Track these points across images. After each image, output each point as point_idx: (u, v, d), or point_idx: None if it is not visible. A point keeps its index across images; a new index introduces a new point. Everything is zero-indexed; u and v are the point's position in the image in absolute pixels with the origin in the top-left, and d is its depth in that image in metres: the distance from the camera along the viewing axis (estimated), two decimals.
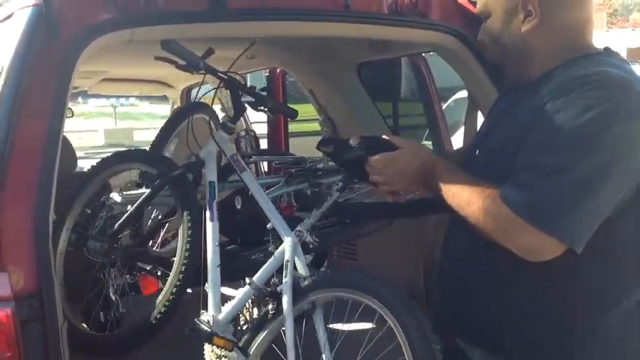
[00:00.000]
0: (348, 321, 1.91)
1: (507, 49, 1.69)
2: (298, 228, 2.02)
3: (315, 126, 3.89)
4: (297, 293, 1.89)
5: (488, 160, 1.66)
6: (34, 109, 1.68)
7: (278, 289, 1.92)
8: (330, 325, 1.98)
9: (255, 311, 2.19)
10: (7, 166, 1.61)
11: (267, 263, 2.04)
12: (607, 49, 1.68)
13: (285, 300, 1.87)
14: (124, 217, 2.42)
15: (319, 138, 2.02)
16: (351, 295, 1.82)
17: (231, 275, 2.38)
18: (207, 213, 2.17)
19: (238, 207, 2.44)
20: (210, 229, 2.15)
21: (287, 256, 1.96)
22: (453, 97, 6.90)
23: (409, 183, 1.73)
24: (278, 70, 4.08)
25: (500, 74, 1.85)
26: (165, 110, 6.60)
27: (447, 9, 2.41)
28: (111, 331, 2.39)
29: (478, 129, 2.04)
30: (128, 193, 2.64)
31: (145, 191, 2.40)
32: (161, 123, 3.48)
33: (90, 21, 1.81)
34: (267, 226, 2.11)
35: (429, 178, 1.68)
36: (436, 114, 3.63)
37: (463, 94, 5.61)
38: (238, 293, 2.10)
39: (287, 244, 2.00)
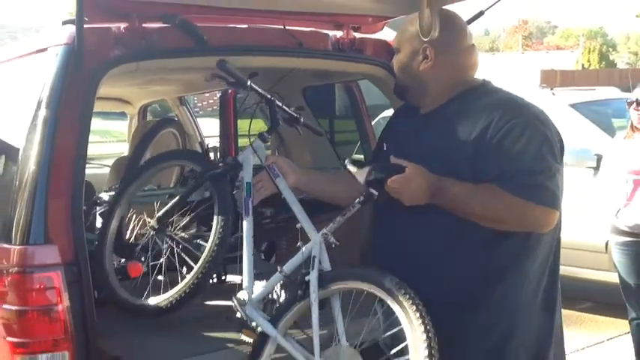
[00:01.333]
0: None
1: (409, 79, 2.20)
2: (324, 230, 2.30)
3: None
4: (321, 282, 2.19)
5: (436, 166, 2.07)
6: (68, 123, 2.20)
7: (306, 278, 2.19)
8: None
9: (283, 294, 2.41)
10: (51, 168, 2.12)
11: (296, 256, 2.31)
12: (485, 81, 2.22)
13: (312, 287, 2.17)
14: (169, 205, 2.76)
15: None
16: (365, 287, 2.13)
17: None
18: (243, 210, 2.46)
19: None
20: (245, 223, 2.43)
21: (314, 252, 2.24)
22: (381, 115, 7.57)
23: (419, 198, 2.07)
24: (230, 91, 4.64)
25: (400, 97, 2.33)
26: (114, 126, 7.03)
27: (377, 47, 3.04)
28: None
29: (380, 142, 2.44)
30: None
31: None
32: (112, 138, 3.95)
33: (106, 56, 2.35)
34: (297, 226, 2.37)
35: (437, 193, 2.05)
36: (367, 129, 4.25)
37: (389, 112, 6.29)
38: (271, 278, 2.38)
39: (315, 242, 2.27)
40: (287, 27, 2.80)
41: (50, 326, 2.05)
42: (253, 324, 2.29)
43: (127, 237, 3.24)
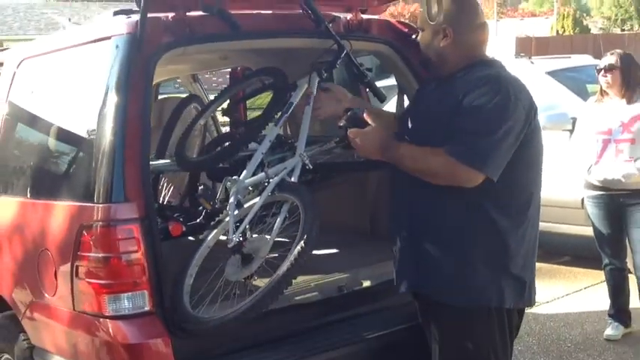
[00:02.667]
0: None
1: (431, 54, 2.56)
2: (303, 153, 2.98)
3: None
4: (280, 187, 2.87)
5: (424, 125, 2.53)
6: (135, 101, 2.61)
7: (271, 180, 2.89)
8: None
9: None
10: (125, 139, 2.53)
11: (278, 166, 3.01)
12: (493, 59, 2.57)
13: (270, 186, 2.87)
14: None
15: None
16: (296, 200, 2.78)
17: None
18: None
19: None
20: None
21: (289, 165, 2.96)
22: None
23: (371, 153, 2.54)
24: (239, 68, 5.03)
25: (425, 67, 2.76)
26: None
27: (382, 27, 3.46)
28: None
29: (407, 105, 2.94)
30: None
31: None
32: None
33: (159, 42, 2.75)
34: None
35: (387, 150, 2.47)
36: (363, 98, 4.62)
37: (387, 82, 6.68)
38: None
39: (294, 159, 2.96)
40: (305, 11, 3.21)
41: (131, 270, 2.48)
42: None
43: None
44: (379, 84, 7.27)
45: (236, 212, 2.93)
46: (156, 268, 2.51)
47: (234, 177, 3.03)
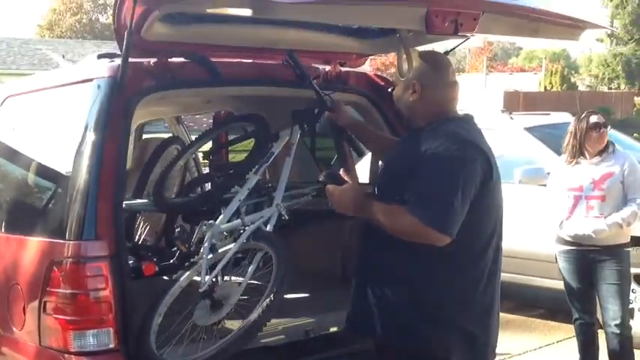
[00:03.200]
0: None
1: (402, 107, 2.67)
2: (280, 203, 3.09)
3: None
4: (254, 235, 2.99)
5: (387, 176, 2.66)
6: (112, 141, 2.69)
7: (247, 227, 3.00)
8: None
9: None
10: (100, 177, 2.60)
11: (256, 214, 3.11)
12: (466, 114, 2.63)
13: (246, 233, 2.99)
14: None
15: None
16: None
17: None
18: None
19: None
20: None
21: (266, 214, 3.08)
22: None
23: (346, 209, 2.59)
24: (222, 112, 5.14)
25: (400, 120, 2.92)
26: None
27: (360, 79, 3.59)
28: None
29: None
30: None
31: None
32: None
33: (140, 86, 2.85)
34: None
35: (361, 208, 2.53)
36: (343, 147, 4.73)
37: None
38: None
39: (272, 209, 3.07)
40: (285, 62, 3.32)
41: (98, 307, 2.52)
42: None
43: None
44: None
45: (210, 256, 2.99)
46: (123, 306, 2.55)
47: (210, 221, 3.08)
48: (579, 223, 4.33)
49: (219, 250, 3.04)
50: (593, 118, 4.42)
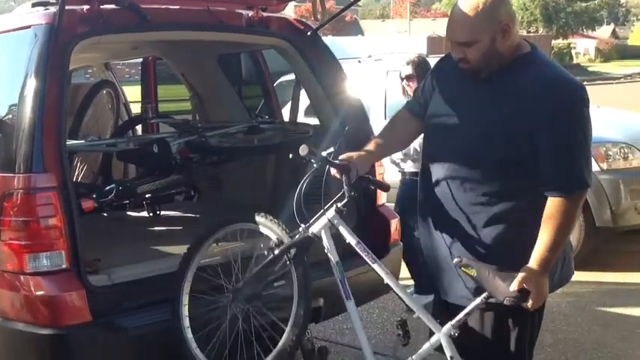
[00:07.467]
0: None
1: (495, 59, 2.35)
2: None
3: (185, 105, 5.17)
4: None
5: (491, 128, 2.34)
6: (53, 83, 2.91)
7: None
8: None
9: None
10: (44, 115, 2.83)
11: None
12: (532, 46, 2.43)
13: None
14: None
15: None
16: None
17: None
18: (342, 291, 2.62)
19: (155, 151, 3.73)
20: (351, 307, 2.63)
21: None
22: (280, 79, 8.37)
23: (545, 288, 2.36)
24: (150, 58, 5.35)
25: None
26: None
27: (281, 23, 3.88)
28: None
29: (438, 103, 2.53)
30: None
31: None
32: None
33: (75, 32, 3.07)
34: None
35: (546, 270, 2.34)
36: (269, 90, 5.06)
37: (288, 77, 7.09)
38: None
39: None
40: (210, 8, 3.59)
41: (49, 232, 2.79)
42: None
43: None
44: (285, 78, 7.69)
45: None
46: (72, 231, 2.83)
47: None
48: None
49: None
50: (403, 71, 4.82)
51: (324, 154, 2.56)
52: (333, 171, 2.57)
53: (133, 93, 5.92)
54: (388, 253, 3.62)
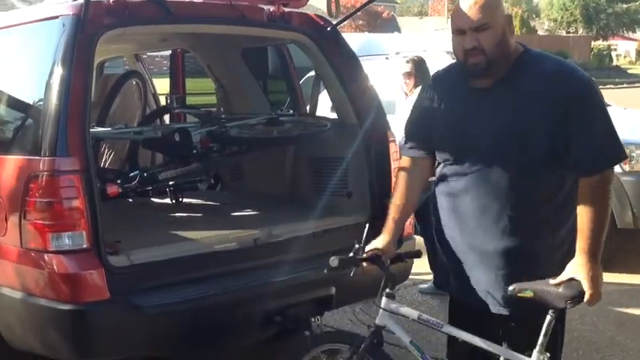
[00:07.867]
0: None
1: (504, 51, 2.35)
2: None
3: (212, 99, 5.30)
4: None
5: (502, 137, 2.34)
6: (78, 71, 3.06)
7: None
8: None
9: None
10: (70, 102, 2.98)
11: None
12: (523, 45, 2.45)
13: None
14: None
15: None
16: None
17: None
18: None
19: (177, 140, 3.87)
20: None
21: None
22: (308, 74, 8.45)
23: (599, 279, 2.29)
24: (178, 50, 5.50)
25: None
26: None
27: (302, 19, 3.98)
28: None
29: (449, 118, 2.50)
30: None
31: None
32: None
33: (101, 23, 3.21)
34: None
35: (597, 260, 2.28)
36: (295, 85, 5.15)
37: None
38: None
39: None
40: (232, 2, 3.70)
41: (72, 213, 2.94)
42: None
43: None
44: (313, 74, 7.78)
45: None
46: (94, 213, 2.98)
47: None
48: None
49: None
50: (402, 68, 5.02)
51: (351, 255, 2.59)
52: (366, 267, 2.62)
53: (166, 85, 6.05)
54: (401, 246, 3.69)
